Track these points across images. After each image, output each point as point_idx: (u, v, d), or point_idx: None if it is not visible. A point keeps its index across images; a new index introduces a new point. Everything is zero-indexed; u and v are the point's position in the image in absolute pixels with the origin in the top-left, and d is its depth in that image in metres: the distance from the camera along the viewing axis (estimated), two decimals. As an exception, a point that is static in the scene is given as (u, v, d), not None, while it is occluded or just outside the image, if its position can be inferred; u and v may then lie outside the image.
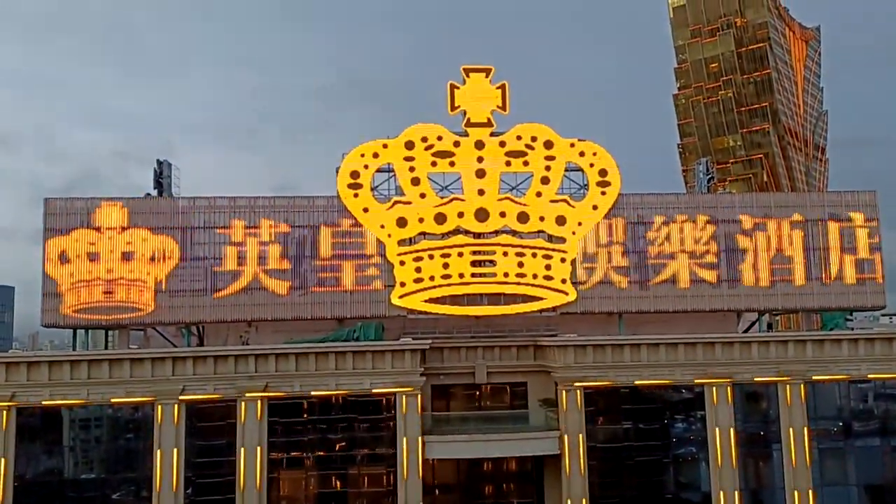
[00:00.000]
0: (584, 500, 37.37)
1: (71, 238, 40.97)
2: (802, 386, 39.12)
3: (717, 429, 38.50)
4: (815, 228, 45.12)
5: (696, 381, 38.81)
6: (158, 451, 36.03)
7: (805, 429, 38.84)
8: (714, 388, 38.78)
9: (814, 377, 39.24)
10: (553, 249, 42.80)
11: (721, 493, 38.09)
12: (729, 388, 38.84)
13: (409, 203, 42.52)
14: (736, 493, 38.08)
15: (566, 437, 37.81)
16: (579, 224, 43.27)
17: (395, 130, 43.24)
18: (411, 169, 42.66)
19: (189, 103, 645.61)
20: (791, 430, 38.80)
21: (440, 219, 42.51)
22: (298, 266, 42.16)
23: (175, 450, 36.09)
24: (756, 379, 39.09)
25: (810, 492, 38.41)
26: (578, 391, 38.19)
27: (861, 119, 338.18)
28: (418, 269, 42.06)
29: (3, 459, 35.33)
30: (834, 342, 40.06)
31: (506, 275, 42.28)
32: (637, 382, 38.64)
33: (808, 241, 44.94)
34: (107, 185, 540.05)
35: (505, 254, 42.38)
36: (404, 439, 37.17)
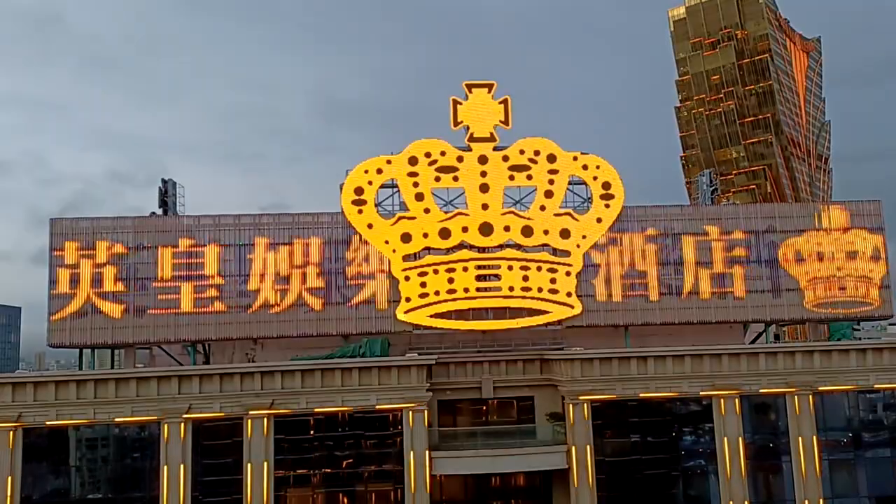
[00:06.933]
0: (592, 515, 37.15)
1: (78, 257, 41.11)
2: (811, 397, 38.91)
3: (725, 441, 38.27)
4: (819, 238, 45.06)
5: (703, 392, 38.64)
6: (165, 470, 35.93)
7: (814, 440, 38.59)
8: (722, 400, 38.58)
9: (822, 388, 39.03)
10: (558, 263, 42.77)
11: (731, 505, 37.81)
12: (737, 399, 38.64)
13: (414, 218, 42.58)
14: (746, 505, 37.82)
15: (574, 451, 37.62)
16: (584, 237, 43.28)
17: (395, 150, 43.50)
18: (415, 184, 42.75)
19: (183, 125, 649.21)
20: (800, 441, 38.55)
21: (444, 234, 42.55)
22: (302, 282, 42.21)
23: (181, 468, 35.98)
24: (764, 390, 38.91)
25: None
26: (585, 405, 38.04)
27: (862, 131, 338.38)
28: (423, 285, 42.06)
29: (9, 480, 35.20)
30: (842, 352, 39.81)
31: (511, 289, 42.24)
32: (644, 395, 38.48)
33: (813, 251, 44.83)
34: (102, 207, 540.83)
35: (510, 268, 42.35)
36: (411, 455, 37.05)
